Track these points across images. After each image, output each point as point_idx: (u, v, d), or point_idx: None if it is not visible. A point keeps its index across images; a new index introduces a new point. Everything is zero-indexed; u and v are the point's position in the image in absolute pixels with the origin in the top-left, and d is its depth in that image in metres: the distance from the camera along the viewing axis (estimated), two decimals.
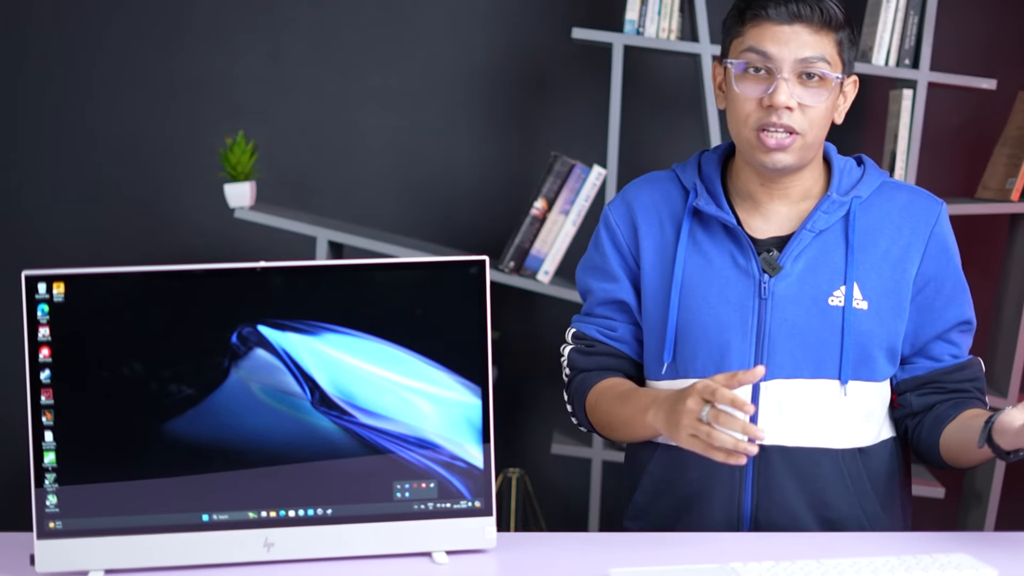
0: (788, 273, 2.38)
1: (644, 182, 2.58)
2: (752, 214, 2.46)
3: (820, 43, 2.33)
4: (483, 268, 2.09)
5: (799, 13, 2.32)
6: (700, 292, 2.42)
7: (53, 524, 2.04)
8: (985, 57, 4.21)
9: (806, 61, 2.32)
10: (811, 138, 2.36)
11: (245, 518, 2.07)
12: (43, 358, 2.03)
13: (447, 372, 2.09)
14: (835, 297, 2.37)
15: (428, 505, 2.11)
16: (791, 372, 2.37)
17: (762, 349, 2.38)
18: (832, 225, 2.40)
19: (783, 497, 2.39)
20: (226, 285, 2.06)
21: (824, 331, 2.37)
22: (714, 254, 2.43)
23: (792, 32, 2.33)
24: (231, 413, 2.05)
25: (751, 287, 2.39)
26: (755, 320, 2.38)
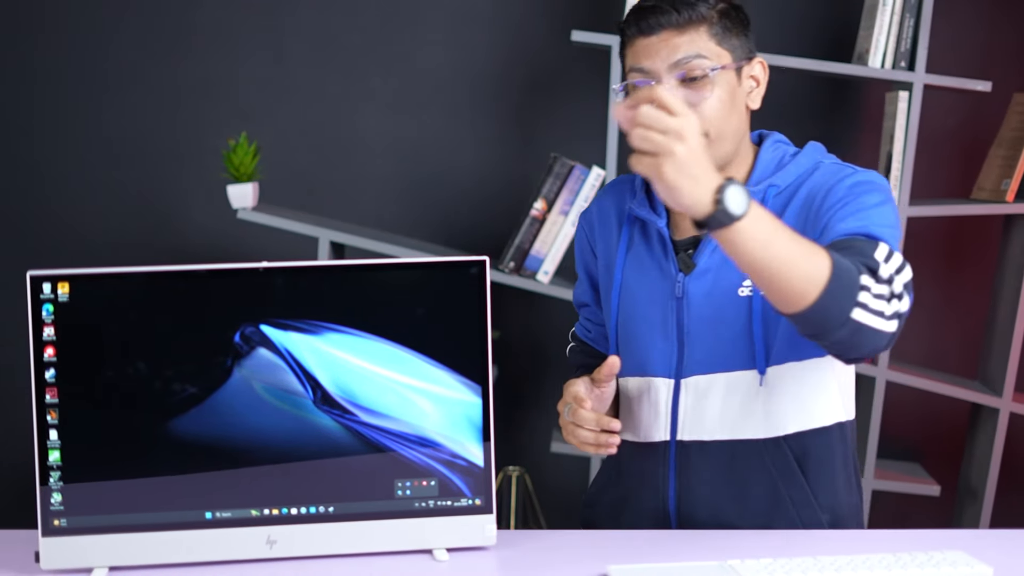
0: (704, 269, 2.36)
1: (612, 184, 2.59)
2: (683, 215, 2.38)
3: (691, 41, 2.29)
4: (483, 268, 2.10)
5: (660, 21, 2.29)
6: (635, 294, 2.44)
7: (58, 522, 2.04)
8: (980, 59, 4.21)
9: (679, 64, 2.29)
10: (716, 132, 2.31)
11: (248, 516, 2.07)
12: (48, 357, 2.03)
13: (448, 371, 2.10)
14: (744, 287, 2.33)
15: (429, 503, 2.11)
16: (710, 367, 2.36)
17: (683, 347, 2.38)
18: None
19: (704, 492, 2.38)
20: (229, 285, 2.06)
21: (737, 323, 2.34)
22: (645, 256, 2.44)
23: (660, 41, 2.30)
24: (234, 412, 2.06)
25: (669, 287, 2.39)
26: (675, 319, 2.38)
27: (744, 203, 1.89)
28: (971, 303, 4.34)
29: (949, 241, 4.34)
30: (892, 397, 4.12)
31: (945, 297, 4.35)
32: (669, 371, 2.39)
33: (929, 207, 3.91)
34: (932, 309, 4.34)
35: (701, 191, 1.87)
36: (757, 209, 1.92)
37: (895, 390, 4.09)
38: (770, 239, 1.94)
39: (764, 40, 4.09)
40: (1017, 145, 3.91)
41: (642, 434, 2.43)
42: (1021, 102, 3.99)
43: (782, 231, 1.97)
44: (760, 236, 1.93)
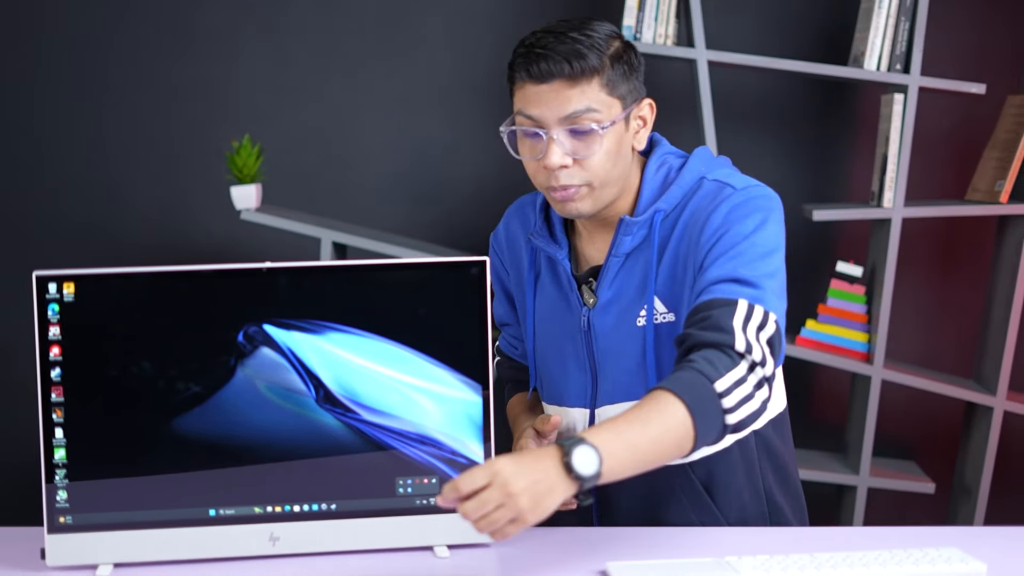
0: (607, 303, 2.33)
1: (515, 208, 2.55)
2: (586, 243, 2.40)
3: (582, 94, 2.21)
4: (483, 269, 2.10)
5: (551, 71, 2.19)
6: (547, 325, 2.42)
7: (63, 519, 2.04)
8: (974, 62, 4.21)
9: (570, 117, 2.21)
10: (599, 182, 2.25)
11: (251, 513, 2.07)
12: (53, 356, 2.03)
13: (448, 370, 2.10)
14: (640, 317, 2.30)
15: (430, 500, 2.11)
16: (621, 396, 2.33)
17: (596, 378, 2.36)
18: (638, 245, 2.31)
19: (620, 519, 2.39)
20: (232, 285, 2.06)
21: (636, 353, 2.31)
22: (552, 288, 2.42)
23: (551, 90, 2.21)
24: (237, 410, 2.06)
25: (576, 320, 2.37)
26: (585, 351, 2.36)
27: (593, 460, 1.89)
28: (966, 303, 4.34)
29: (944, 242, 4.34)
30: (888, 396, 4.12)
31: (940, 297, 4.35)
32: (584, 401, 2.38)
33: (924, 208, 3.91)
34: (927, 309, 4.34)
35: (560, 491, 1.89)
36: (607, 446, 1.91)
37: (890, 389, 4.10)
38: (635, 456, 1.96)
39: (761, 43, 4.11)
40: (1011, 147, 3.91)
41: None
42: (1015, 104, 3.99)
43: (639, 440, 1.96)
44: (627, 462, 1.95)
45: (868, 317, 3.99)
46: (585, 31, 2.23)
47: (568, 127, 2.22)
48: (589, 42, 2.21)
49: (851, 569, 1.97)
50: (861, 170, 4.26)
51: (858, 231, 4.27)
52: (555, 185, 2.24)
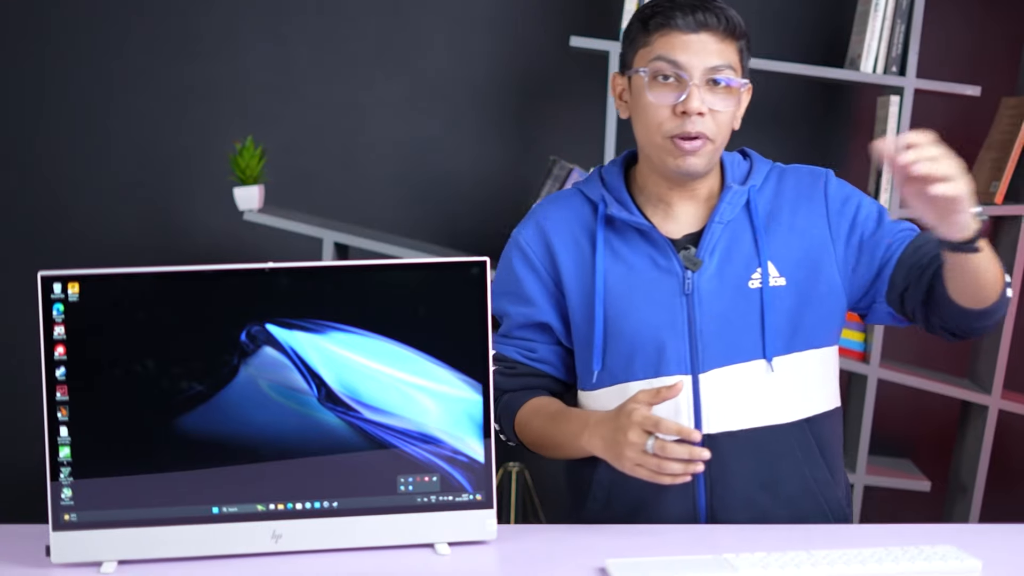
0: (707, 266, 2.39)
1: (550, 202, 2.56)
2: (662, 217, 2.46)
3: (725, 51, 2.35)
4: (484, 269, 2.09)
5: (705, 22, 2.33)
6: (626, 298, 2.42)
7: (68, 516, 2.04)
8: (970, 65, 4.21)
9: (715, 69, 2.33)
10: (719, 142, 2.38)
11: (254, 511, 2.07)
12: (58, 356, 2.03)
13: (449, 369, 2.09)
14: (754, 279, 2.38)
15: (431, 498, 2.11)
16: (725, 359, 2.37)
17: (695, 342, 2.38)
18: (737, 215, 2.42)
19: (736, 480, 2.38)
20: (235, 285, 2.06)
21: (749, 314, 2.37)
22: (633, 259, 2.43)
23: (699, 40, 2.33)
24: (240, 409, 2.05)
25: (676, 285, 2.39)
26: (685, 316, 2.38)
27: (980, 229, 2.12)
28: None
29: None
30: (884, 394, 4.13)
31: None
32: (684, 368, 2.38)
33: None
34: None
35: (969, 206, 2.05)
36: None
37: (887, 388, 4.10)
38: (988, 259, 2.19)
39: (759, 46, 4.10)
40: (1006, 148, 3.91)
41: None
42: (1010, 106, 3.99)
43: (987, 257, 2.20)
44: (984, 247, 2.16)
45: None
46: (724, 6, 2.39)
47: (708, 78, 2.34)
48: (731, 10, 2.38)
49: (847, 566, 1.97)
50: (858, 171, 4.25)
51: None
52: (688, 131, 2.34)
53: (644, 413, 2.14)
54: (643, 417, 2.14)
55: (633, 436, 2.14)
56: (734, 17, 2.36)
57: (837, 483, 2.47)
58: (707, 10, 2.34)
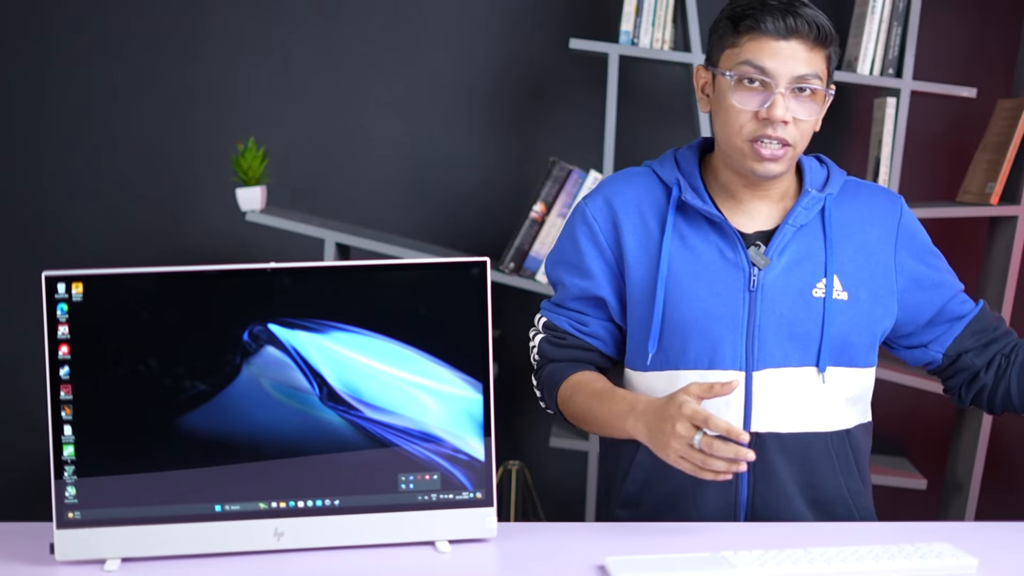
0: (774, 266, 2.38)
1: (621, 178, 2.54)
2: (734, 211, 2.45)
3: (813, 59, 2.32)
4: (484, 269, 2.09)
5: (796, 28, 2.29)
6: (689, 285, 2.40)
7: (72, 514, 2.04)
8: (966, 67, 4.21)
9: (802, 78, 2.31)
10: (800, 148, 2.37)
11: (256, 509, 2.07)
12: (62, 355, 2.03)
13: (450, 368, 2.09)
14: (818, 288, 2.38)
15: (431, 496, 2.11)
16: (780, 361, 2.37)
17: (752, 340, 2.37)
18: (810, 221, 2.41)
19: (778, 480, 2.38)
20: (238, 285, 2.06)
21: (808, 321, 2.37)
22: (701, 248, 2.41)
23: (788, 48, 2.30)
24: (243, 408, 2.05)
25: (741, 280, 2.38)
26: (746, 312, 2.37)
27: None
28: None
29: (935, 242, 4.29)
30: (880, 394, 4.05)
31: None
32: (739, 364, 2.37)
33: (916, 209, 3.90)
34: None
35: None
36: None
37: (883, 387, 4.07)
38: None
39: None
40: (1001, 149, 3.91)
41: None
42: (1005, 108, 3.99)
43: None
44: None
45: None
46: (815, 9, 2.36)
47: (796, 85, 2.32)
48: (822, 18, 2.34)
49: (844, 564, 1.97)
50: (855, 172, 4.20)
51: None
52: (771, 135, 2.32)
53: (694, 407, 2.10)
54: (693, 411, 2.10)
55: (681, 429, 2.10)
56: (825, 24, 2.32)
57: (867, 492, 2.50)
58: (798, 15, 2.30)
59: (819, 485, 2.41)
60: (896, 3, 3.82)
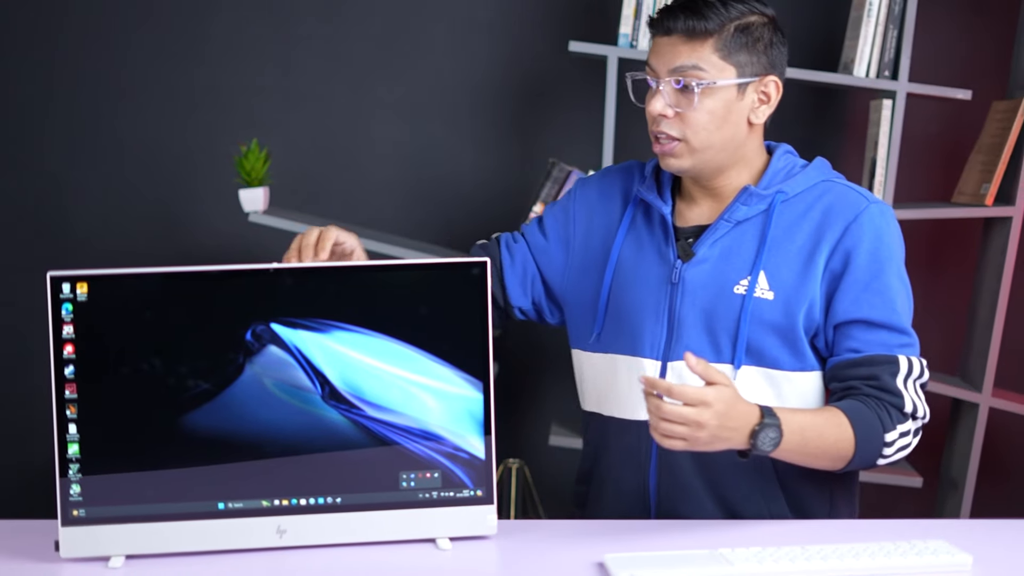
0: (702, 259, 2.38)
1: (623, 166, 2.61)
2: (689, 206, 2.46)
3: (694, 51, 2.32)
4: (484, 269, 2.10)
5: (672, 26, 2.33)
6: (629, 274, 2.44)
7: (77, 512, 2.04)
8: (961, 69, 4.21)
9: (678, 70, 2.32)
10: (699, 143, 2.35)
11: (259, 506, 2.07)
12: (67, 355, 2.03)
13: (450, 368, 2.09)
14: (740, 286, 2.35)
15: (432, 494, 2.11)
16: (696, 354, 2.31)
17: (673, 331, 2.38)
18: (752, 217, 2.38)
19: (683, 474, 2.39)
20: (241, 285, 2.06)
21: (726, 317, 2.35)
22: (646, 240, 2.45)
23: (668, 43, 2.34)
24: (245, 407, 2.06)
25: (666, 272, 2.40)
26: (667, 304, 2.39)
27: (774, 441, 2.12)
28: (952, 302, 4.34)
29: (931, 243, 4.34)
30: None
31: (927, 297, 4.34)
32: (657, 353, 2.39)
33: (912, 210, 3.91)
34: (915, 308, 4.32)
35: (736, 443, 2.10)
36: (788, 436, 2.15)
37: None
38: (796, 454, 2.20)
39: None
40: (996, 151, 3.91)
41: (629, 411, 2.43)
42: (1000, 110, 3.99)
43: (811, 440, 2.20)
44: (792, 451, 2.18)
45: None
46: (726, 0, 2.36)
47: (674, 79, 2.33)
48: (716, 8, 2.33)
49: (841, 561, 1.97)
50: (851, 173, 4.22)
51: None
52: (655, 131, 2.36)
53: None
54: None
55: None
56: (708, 13, 2.31)
57: (788, 497, 2.41)
58: (675, 14, 2.33)
59: (727, 484, 2.38)
60: (892, 6, 3.82)
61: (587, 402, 2.55)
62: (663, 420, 2.03)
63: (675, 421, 2.03)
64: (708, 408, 2.03)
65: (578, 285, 2.53)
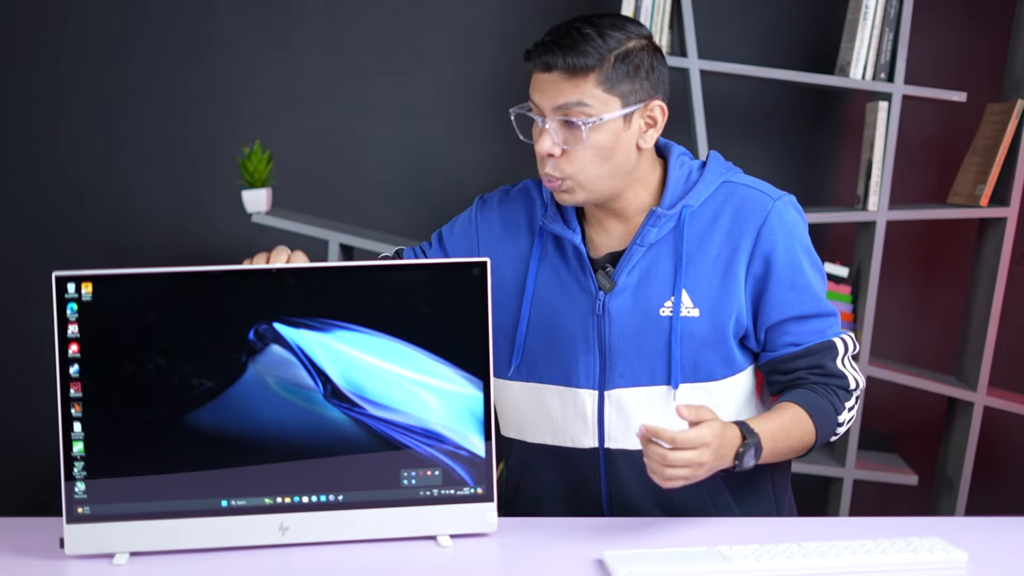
0: (623, 288, 2.34)
1: (519, 191, 2.54)
2: (596, 230, 2.41)
3: (577, 87, 2.24)
4: (484, 269, 2.09)
5: (551, 63, 2.24)
6: (550, 306, 2.39)
7: (81, 509, 2.04)
8: (956, 72, 4.21)
9: (562, 108, 2.25)
10: (586, 178, 2.29)
11: (261, 504, 2.07)
12: (72, 354, 2.03)
13: (451, 367, 2.09)
14: (665, 308, 2.33)
15: (433, 491, 2.10)
16: (631, 381, 2.34)
17: (605, 360, 2.36)
18: (664, 237, 2.35)
19: (631, 496, 2.38)
20: (243, 285, 2.06)
21: (657, 341, 2.33)
22: (562, 271, 2.40)
23: (550, 80, 2.26)
24: (248, 405, 2.05)
25: (589, 303, 2.36)
26: (595, 335, 2.36)
27: (755, 456, 2.19)
28: (947, 302, 4.33)
29: (926, 243, 4.34)
30: (872, 391, 4.12)
31: (923, 296, 4.34)
32: (593, 383, 2.37)
33: (907, 211, 3.92)
34: (910, 308, 4.34)
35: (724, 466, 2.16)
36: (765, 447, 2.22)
37: (875, 385, 4.09)
38: (773, 454, 2.26)
39: (751, 53, 4.11)
40: (991, 153, 3.91)
41: (570, 440, 2.41)
42: (994, 112, 3.99)
43: (780, 443, 2.27)
44: (767, 456, 2.23)
45: (854, 316, 3.99)
46: (601, 28, 2.26)
47: (560, 117, 2.26)
48: (594, 41, 2.24)
49: (837, 558, 1.97)
50: (847, 175, 4.25)
51: (844, 233, 4.27)
52: (544, 171, 2.30)
53: None
54: None
55: None
56: (586, 48, 2.24)
57: (743, 510, 2.42)
58: (554, 51, 2.24)
59: (675, 500, 2.37)
60: (888, 9, 3.82)
61: (508, 429, 2.50)
62: (667, 467, 2.07)
63: (678, 466, 2.07)
64: (707, 448, 2.07)
65: (496, 312, 2.44)
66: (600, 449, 2.38)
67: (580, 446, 2.40)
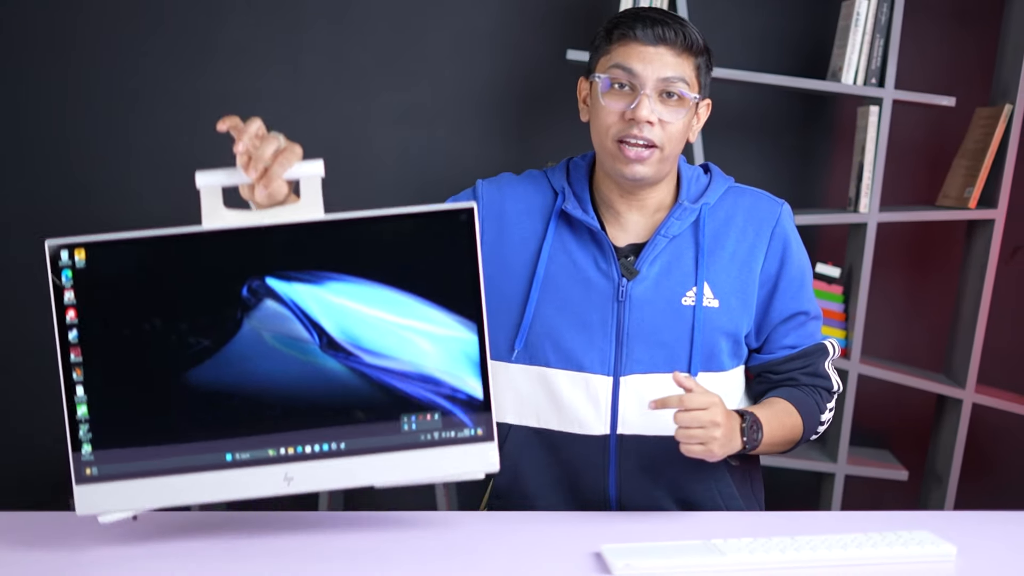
0: (644, 277, 2.37)
1: (517, 178, 2.56)
2: (612, 223, 2.44)
3: (681, 65, 2.33)
4: (471, 215, 2.06)
5: (663, 36, 2.32)
6: (563, 290, 2.40)
7: (89, 471, 2.01)
8: (945, 77, 4.22)
9: (667, 80, 2.32)
10: (668, 152, 2.35)
11: (265, 456, 2.04)
12: (70, 320, 2.01)
13: (444, 311, 2.05)
14: (687, 297, 2.36)
15: (433, 435, 2.07)
16: (647, 367, 2.36)
17: (621, 347, 2.36)
18: (684, 231, 2.40)
19: (641, 483, 2.38)
20: (234, 243, 2.05)
21: (677, 329, 2.36)
22: (579, 255, 2.41)
23: (656, 53, 2.32)
24: (246, 360, 2.03)
25: (610, 289, 2.37)
26: (614, 320, 2.36)
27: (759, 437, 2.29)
28: (937, 302, 4.33)
29: (916, 244, 4.34)
30: (864, 389, 4.13)
31: (913, 296, 4.35)
32: (607, 369, 2.37)
33: (897, 213, 3.92)
34: (901, 308, 4.34)
35: (736, 442, 2.23)
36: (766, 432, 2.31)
37: (866, 382, 4.09)
38: (769, 442, 2.34)
39: (745, 58, 4.11)
40: (979, 156, 3.91)
41: (578, 426, 2.39)
42: (983, 116, 4.00)
43: (775, 431, 2.35)
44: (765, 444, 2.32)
45: (845, 315, 4.00)
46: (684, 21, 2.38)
47: (660, 89, 2.33)
48: (693, 29, 2.36)
49: (829, 551, 1.97)
50: (838, 177, 4.26)
51: (836, 235, 4.28)
52: (636, 135, 2.32)
53: None
54: None
55: None
56: (693, 34, 2.35)
57: (747, 501, 2.46)
58: (667, 25, 2.32)
59: (685, 488, 2.39)
60: (879, 16, 3.83)
61: (504, 414, 2.47)
62: (681, 428, 2.14)
63: (692, 426, 2.13)
64: (717, 406, 2.14)
65: (501, 296, 2.45)
66: (612, 435, 2.38)
67: (589, 432, 2.39)
